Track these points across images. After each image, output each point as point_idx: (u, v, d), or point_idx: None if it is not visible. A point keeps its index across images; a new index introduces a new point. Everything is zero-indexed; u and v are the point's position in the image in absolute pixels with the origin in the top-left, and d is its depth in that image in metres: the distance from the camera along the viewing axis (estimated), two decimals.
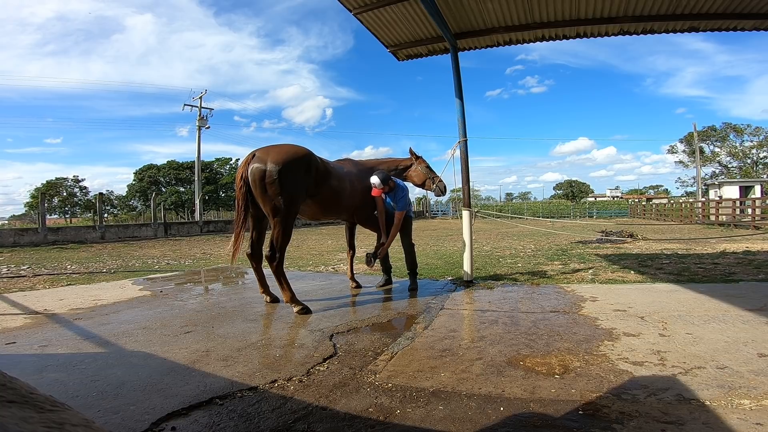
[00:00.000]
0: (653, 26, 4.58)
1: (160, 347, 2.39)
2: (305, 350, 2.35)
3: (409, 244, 4.04)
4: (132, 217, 34.83)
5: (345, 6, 4.13)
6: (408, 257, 4.07)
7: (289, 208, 3.10)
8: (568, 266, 5.49)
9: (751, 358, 1.99)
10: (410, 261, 4.08)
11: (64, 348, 2.41)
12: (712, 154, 43.08)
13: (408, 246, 4.05)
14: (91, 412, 1.60)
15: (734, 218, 16.11)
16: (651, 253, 6.96)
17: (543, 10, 4.36)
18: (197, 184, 26.67)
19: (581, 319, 2.81)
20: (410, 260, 4.07)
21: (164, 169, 44.28)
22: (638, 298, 3.35)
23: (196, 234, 17.24)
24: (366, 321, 2.96)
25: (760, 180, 26.03)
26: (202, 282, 5.01)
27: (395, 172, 4.22)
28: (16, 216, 38.89)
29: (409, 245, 4.04)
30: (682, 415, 1.48)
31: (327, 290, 4.16)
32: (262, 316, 3.18)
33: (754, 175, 37.56)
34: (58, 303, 3.65)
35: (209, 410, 1.64)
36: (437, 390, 1.79)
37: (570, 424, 1.47)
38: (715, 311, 2.88)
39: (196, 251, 10.02)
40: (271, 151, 3.16)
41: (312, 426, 1.51)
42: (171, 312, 3.27)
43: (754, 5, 4.00)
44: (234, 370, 2.04)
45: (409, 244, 4.04)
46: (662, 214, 25.95)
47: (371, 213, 4.06)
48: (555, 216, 34.98)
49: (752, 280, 4.05)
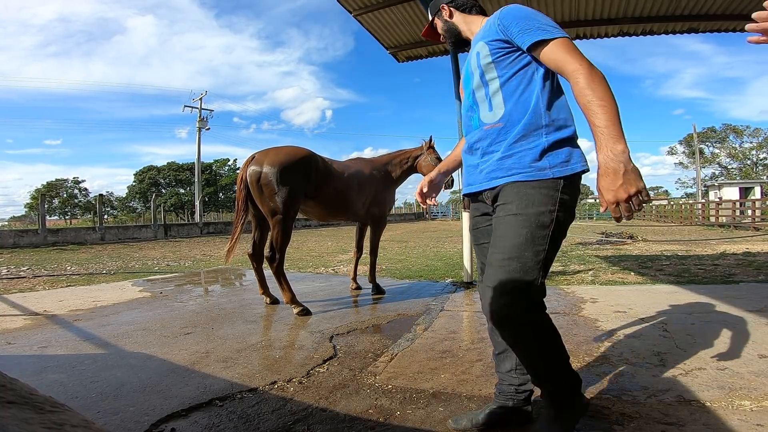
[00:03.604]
0: (652, 27, 4.60)
1: (159, 348, 2.39)
2: (305, 352, 2.34)
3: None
4: (132, 218, 34.87)
5: (345, 8, 4.15)
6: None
7: (287, 209, 3.12)
8: (567, 267, 5.49)
9: (751, 359, 1.99)
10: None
11: (63, 349, 2.40)
12: (712, 156, 43.15)
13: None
14: (90, 413, 1.60)
15: (734, 219, 16.11)
16: (651, 254, 6.96)
17: (542, 11, 4.36)
18: (197, 185, 26.70)
19: (581, 321, 2.81)
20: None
21: (164, 171, 44.29)
22: (638, 300, 3.35)
23: (196, 235, 17.23)
24: (366, 322, 2.96)
25: (760, 181, 26.05)
26: (201, 283, 5.01)
27: (408, 163, 4.15)
28: (16, 217, 38.99)
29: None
30: (683, 417, 1.48)
31: (327, 291, 4.16)
32: (262, 317, 3.18)
33: (753, 176, 37.58)
34: (58, 304, 3.65)
35: (209, 411, 1.64)
36: (437, 391, 1.78)
37: None
38: (715, 312, 2.88)
39: (196, 252, 10.01)
40: (269, 153, 3.20)
41: (312, 427, 1.51)
42: (171, 313, 3.27)
43: (753, 6, 4.02)
44: (234, 371, 2.04)
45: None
46: (662, 215, 25.97)
47: (383, 214, 4.04)
48: None
49: (752, 282, 4.05)
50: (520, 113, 1.25)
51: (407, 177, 4.20)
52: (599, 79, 1.10)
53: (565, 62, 1.15)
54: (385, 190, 4.00)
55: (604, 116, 1.05)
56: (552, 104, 1.26)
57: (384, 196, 3.99)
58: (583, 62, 1.13)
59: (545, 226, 1.18)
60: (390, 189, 4.10)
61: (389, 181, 4.05)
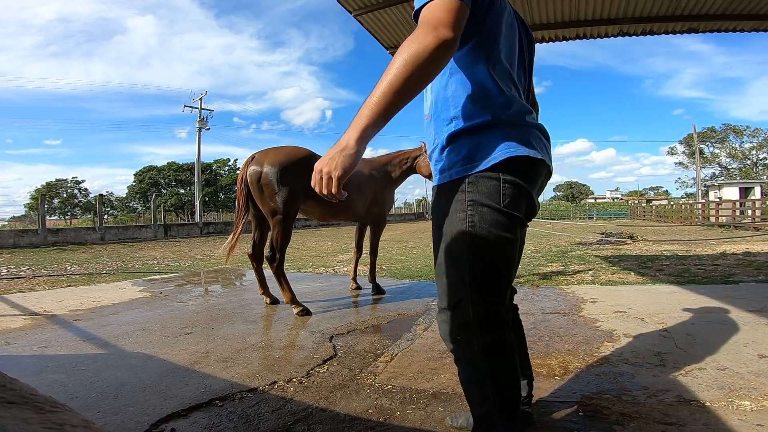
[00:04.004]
0: (652, 27, 4.60)
1: (159, 348, 2.39)
2: (305, 352, 2.34)
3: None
4: (132, 218, 34.84)
5: (345, 8, 4.14)
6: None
7: (286, 209, 3.12)
8: (568, 268, 5.49)
9: (751, 359, 1.99)
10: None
11: (63, 349, 2.40)
12: (712, 156, 43.14)
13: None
14: (90, 413, 1.60)
15: (734, 219, 16.11)
16: (651, 254, 6.96)
17: (543, 11, 4.37)
18: (197, 185, 26.70)
19: (581, 321, 2.81)
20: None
21: (164, 171, 44.26)
22: (638, 300, 3.35)
23: (196, 235, 17.23)
24: (366, 322, 2.96)
25: (760, 181, 26.04)
26: (201, 283, 5.01)
27: (408, 163, 4.16)
28: (16, 217, 38.97)
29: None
30: (683, 417, 1.48)
31: (327, 291, 4.16)
32: (262, 317, 3.18)
33: (753, 176, 37.58)
34: (58, 304, 3.65)
35: (209, 411, 1.64)
36: (437, 391, 1.78)
37: (570, 425, 1.46)
38: (715, 312, 2.88)
39: (196, 253, 10.01)
40: (269, 153, 3.22)
41: (312, 427, 1.51)
42: (171, 313, 3.27)
43: (753, 6, 4.01)
44: (234, 371, 2.04)
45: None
46: (662, 215, 25.96)
47: (382, 214, 4.05)
48: (555, 217, 35.00)
49: (752, 281, 4.05)
50: (438, 103, 1.08)
51: (406, 177, 4.20)
52: (401, 53, 0.86)
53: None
54: (384, 190, 4.01)
55: (368, 100, 0.88)
56: (462, 89, 1.03)
57: (384, 196, 4.00)
58: (416, 32, 0.87)
59: (458, 238, 1.00)
60: (389, 189, 4.11)
61: (389, 181, 4.05)
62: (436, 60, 0.86)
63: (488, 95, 1.02)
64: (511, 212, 1.00)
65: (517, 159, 0.99)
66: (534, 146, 1.03)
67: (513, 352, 1.06)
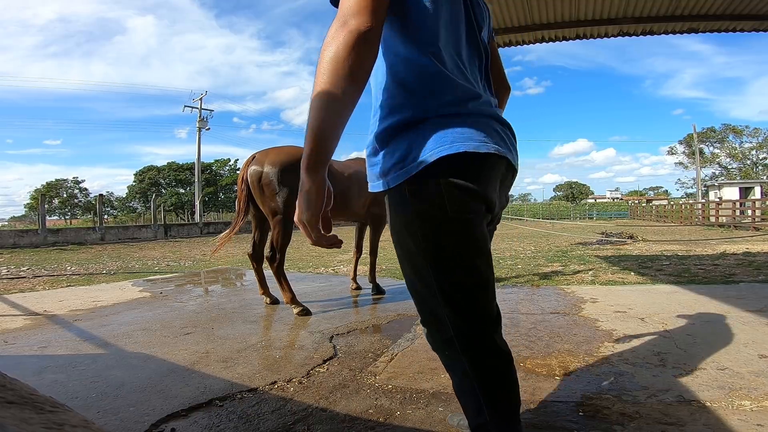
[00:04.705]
0: (652, 27, 4.60)
1: (159, 348, 2.39)
2: (305, 352, 2.34)
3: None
4: (132, 218, 34.87)
5: None
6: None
7: (287, 209, 3.12)
8: (568, 268, 5.49)
9: (751, 359, 1.99)
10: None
11: (63, 349, 2.40)
12: (712, 156, 43.14)
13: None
14: (90, 413, 1.60)
15: (734, 219, 16.11)
16: (651, 254, 6.96)
17: (543, 11, 4.37)
18: (197, 185, 26.72)
19: (581, 321, 2.81)
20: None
21: (164, 171, 44.29)
22: (638, 300, 3.35)
23: (196, 235, 17.23)
24: (366, 322, 2.96)
25: (760, 181, 26.05)
26: (202, 283, 5.01)
27: None
28: (16, 217, 39.01)
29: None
30: (683, 417, 1.48)
31: (327, 292, 4.16)
32: (262, 317, 3.18)
33: (753, 176, 37.59)
34: (58, 304, 3.65)
35: (209, 412, 1.64)
36: (438, 391, 1.78)
37: (570, 425, 1.46)
38: (715, 312, 2.88)
39: (196, 253, 10.01)
40: (269, 153, 3.22)
41: (312, 427, 1.51)
42: (171, 313, 3.27)
43: (753, 6, 4.01)
44: (234, 371, 2.04)
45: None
46: (662, 215, 25.97)
47: (382, 214, 4.06)
48: (555, 217, 34.99)
49: (752, 282, 4.05)
50: (372, 93, 0.94)
51: None
52: (320, 61, 0.75)
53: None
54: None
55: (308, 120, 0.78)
56: (391, 77, 0.88)
57: (383, 196, 4.00)
58: (330, 29, 0.75)
59: (415, 254, 0.91)
60: None
61: None
62: (357, 58, 0.73)
63: (421, 82, 0.85)
64: (462, 217, 0.86)
65: (458, 157, 0.83)
66: (481, 139, 0.86)
67: (506, 362, 0.97)
